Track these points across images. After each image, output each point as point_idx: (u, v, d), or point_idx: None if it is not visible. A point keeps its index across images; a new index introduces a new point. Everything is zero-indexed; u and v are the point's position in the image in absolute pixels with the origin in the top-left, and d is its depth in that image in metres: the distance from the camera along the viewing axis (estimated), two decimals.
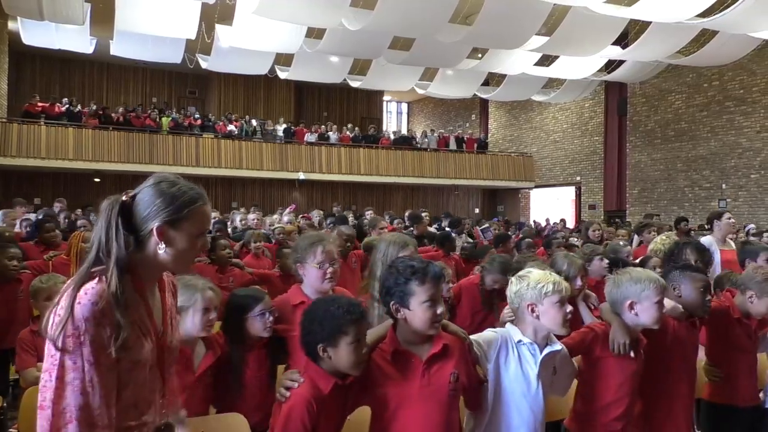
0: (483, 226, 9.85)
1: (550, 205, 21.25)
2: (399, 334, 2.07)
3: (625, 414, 2.47)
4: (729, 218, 5.60)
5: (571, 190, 21.12)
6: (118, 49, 14.39)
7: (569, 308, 2.23)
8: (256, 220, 8.76)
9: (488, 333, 2.30)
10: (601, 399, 2.46)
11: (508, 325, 2.32)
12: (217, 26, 13.31)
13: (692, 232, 8.18)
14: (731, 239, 5.83)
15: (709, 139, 16.37)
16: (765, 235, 8.27)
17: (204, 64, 15.56)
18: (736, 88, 15.69)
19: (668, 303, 2.67)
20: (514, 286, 2.29)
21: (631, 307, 2.46)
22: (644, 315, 2.45)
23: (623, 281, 2.51)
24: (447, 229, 9.08)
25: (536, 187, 22.39)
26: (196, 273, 3.67)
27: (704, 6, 9.73)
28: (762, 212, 14.99)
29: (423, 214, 8.41)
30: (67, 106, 17.56)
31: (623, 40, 13.01)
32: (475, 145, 22.51)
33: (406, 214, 10.32)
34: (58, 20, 11.84)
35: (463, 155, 21.75)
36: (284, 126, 20.36)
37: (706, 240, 5.39)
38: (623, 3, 10.46)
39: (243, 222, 8.63)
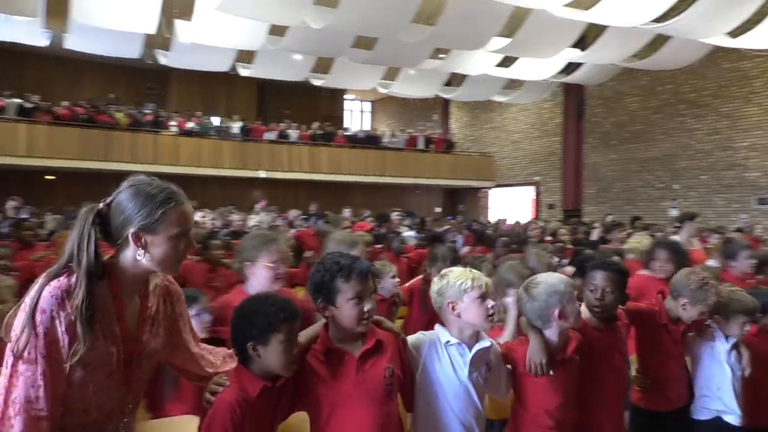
0: (444, 227, 9.96)
1: (510, 205, 21.57)
2: (331, 332, 2.04)
3: (559, 424, 2.39)
4: (699, 222, 5.83)
5: (530, 190, 21.48)
6: (73, 42, 13.99)
7: (491, 303, 2.19)
8: (240, 222, 8.66)
9: (416, 336, 2.27)
10: (531, 411, 2.40)
11: (436, 326, 2.27)
12: (177, 21, 13.08)
13: (646, 229, 8.43)
14: (695, 240, 6.06)
15: (663, 141, 16.87)
16: (716, 235, 8.55)
17: (163, 60, 15.27)
18: (688, 92, 16.20)
19: (584, 310, 2.63)
20: (435, 285, 2.26)
21: (561, 315, 2.37)
22: (567, 316, 2.38)
23: (540, 293, 2.39)
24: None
25: (496, 186, 22.70)
26: (183, 271, 3.63)
27: (659, 12, 10.03)
28: (710, 212, 15.51)
29: (394, 214, 8.43)
30: (18, 101, 16.99)
31: (581, 43, 13.30)
32: (444, 145, 22.67)
33: (363, 213, 10.33)
34: (10, 12, 11.48)
35: (425, 154, 21.89)
36: (240, 124, 20.08)
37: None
38: (581, 7, 10.69)
39: (214, 222, 8.51)
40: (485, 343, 2.24)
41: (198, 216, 9.08)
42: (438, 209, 23.67)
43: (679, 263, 3.66)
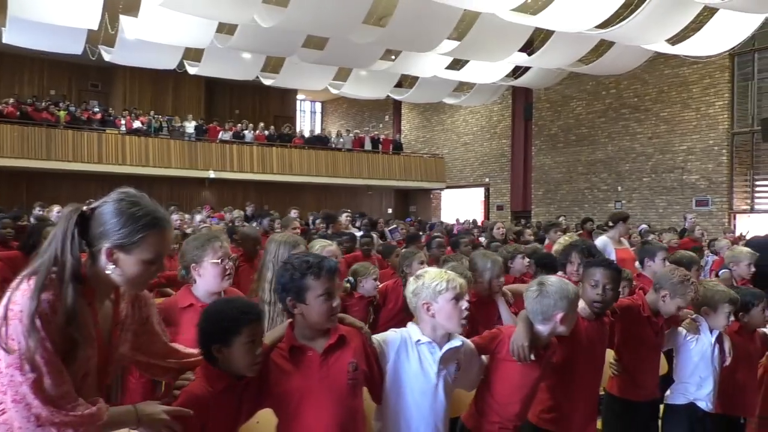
0: (390, 227, 9.99)
1: (461, 206, 21.82)
2: (296, 330, 2.09)
3: (519, 416, 2.51)
4: (628, 222, 5.99)
5: (480, 191, 21.78)
6: (11, 37, 13.42)
7: (466, 305, 2.25)
8: (179, 221, 8.46)
9: (389, 333, 2.32)
10: (498, 399, 2.49)
11: (409, 324, 2.34)
12: (122, 17, 12.73)
13: (594, 232, 8.63)
14: (626, 239, 6.23)
15: (607, 144, 17.36)
16: (665, 235, 8.83)
17: (107, 57, 14.84)
18: (631, 97, 16.73)
19: (580, 305, 2.74)
20: (410, 286, 2.31)
21: (561, 320, 2.45)
22: (565, 324, 2.49)
23: (552, 292, 2.46)
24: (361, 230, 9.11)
25: (447, 188, 22.92)
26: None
27: (602, 18, 10.29)
28: (653, 213, 16.06)
29: (344, 215, 8.38)
30: None
31: (529, 48, 13.56)
32: (391, 146, 22.75)
33: (312, 213, 10.26)
34: None
35: (377, 156, 21.93)
36: (194, 123, 19.75)
37: (601, 239, 5.73)
38: (529, 12, 10.90)
39: None
40: (456, 342, 2.29)
41: None
42: (390, 210, 23.75)
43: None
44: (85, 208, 1.57)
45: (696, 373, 3.17)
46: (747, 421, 3.42)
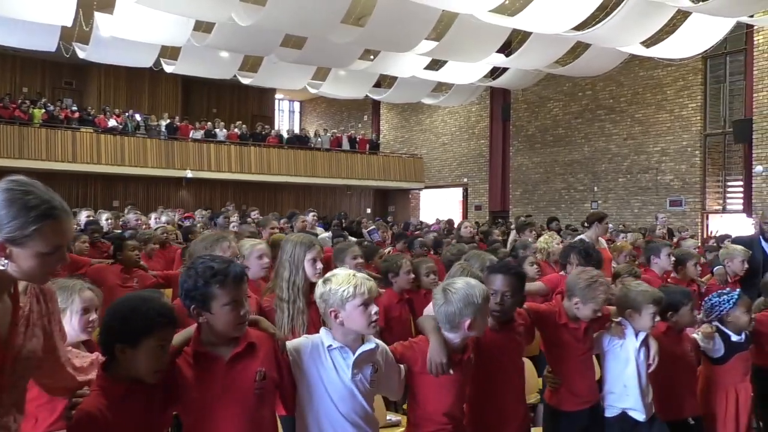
0: (369, 228, 9.98)
1: (439, 206, 21.89)
2: (203, 335, 1.99)
3: (454, 417, 2.45)
4: (607, 223, 6.08)
5: (458, 191, 21.88)
6: None
7: (375, 309, 2.16)
8: (138, 221, 8.39)
9: (299, 339, 2.26)
10: (427, 408, 2.42)
11: (321, 329, 2.24)
12: (97, 14, 12.55)
13: (561, 231, 8.74)
14: (602, 239, 6.31)
15: (583, 145, 17.55)
16: (629, 234, 8.96)
17: (81, 54, 14.62)
18: (607, 98, 16.93)
19: None
20: (319, 290, 2.21)
21: (470, 326, 2.39)
22: (475, 329, 2.41)
23: (457, 300, 2.39)
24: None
25: (426, 188, 22.99)
26: (95, 274, 3.47)
27: (579, 20, 10.42)
28: (628, 213, 16.28)
29: (311, 214, 8.35)
30: None
31: (507, 49, 13.66)
32: (368, 146, 22.75)
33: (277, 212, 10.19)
34: None
35: (356, 156, 21.92)
36: (166, 122, 19.52)
37: (580, 239, 5.81)
38: (506, 13, 10.98)
39: (110, 222, 8.12)
40: (369, 345, 2.21)
41: (83, 215, 8.60)
42: (369, 210, 23.75)
43: (591, 265, 3.74)
44: None
45: (621, 380, 3.03)
46: (700, 419, 3.31)
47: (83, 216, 8.48)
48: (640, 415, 3.00)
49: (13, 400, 1.56)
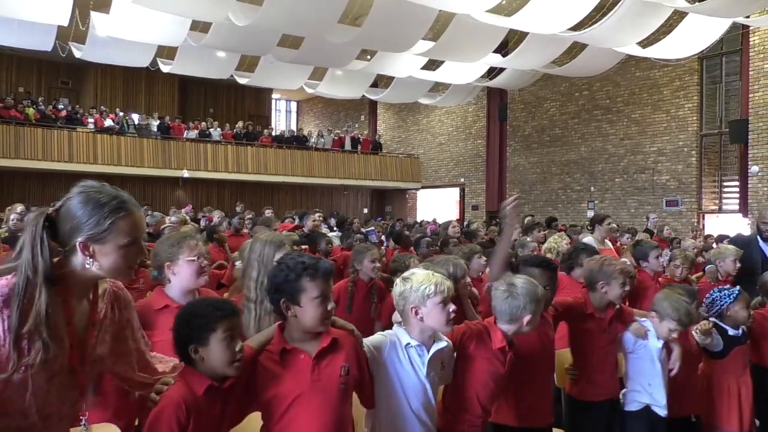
0: (368, 229, 10.00)
1: (436, 206, 21.91)
2: (287, 333, 2.06)
3: (486, 412, 2.56)
4: (609, 223, 6.15)
5: (455, 191, 21.89)
6: None
7: (452, 307, 2.27)
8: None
9: (377, 336, 2.33)
10: (467, 396, 2.53)
11: (395, 327, 2.35)
12: (93, 13, 12.51)
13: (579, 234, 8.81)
14: (608, 241, 6.37)
15: (580, 145, 17.58)
16: (627, 235, 8.97)
17: (78, 53, 14.58)
18: (603, 98, 16.96)
19: None
20: (398, 288, 2.31)
21: (528, 321, 2.52)
22: (530, 325, 2.55)
23: (521, 294, 2.52)
24: (336, 228, 9.09)
25: (423, 188, 23.00)
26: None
27: (575, 20, 10.43)
28: (624, 213, 16.30)
29: (316, 214, 8.37)
30: None
31: (503, 49, 13.67)
32: (371, 146, 22.74)
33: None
34: None
35: (353, 156, 21.91)
36: (158, 121, 19.43)
37: (587, 240, 5.85)
38: (503, 13, 10.98)
39: None
40: (442, 343, 2.33)
41: None
42: (365, 210, 23.75)
43: None
44: (50, 210, 1.56)
45: (645, 378, 3.15)
46: (697, 419, 3.41)
47: None
48: (662, 411, 3.13)
49: (82, 397, 1.66)
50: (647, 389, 3.13)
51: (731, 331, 3.46)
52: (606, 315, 3.12)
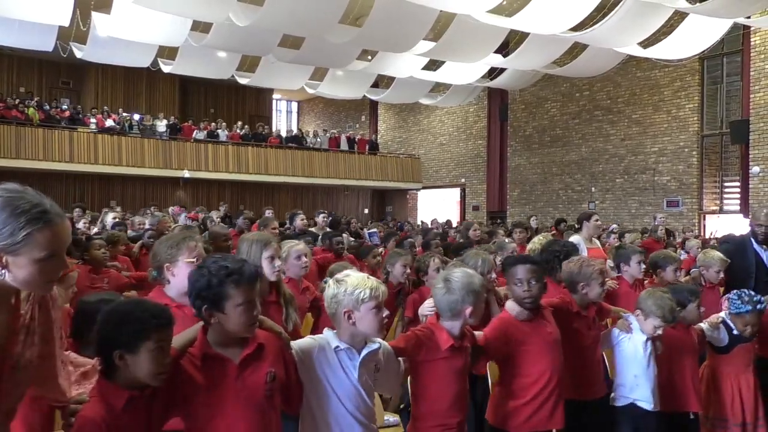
0: (370, 230, 10.00)
1: (437, 206, 21.89)
2: (210, 336, 1.96)
3: (457, 411, 2.53)
4: (596, 220, 6.07)
5: (456, 192, 21.88)
6: None
7: (386, 313, 2.22)
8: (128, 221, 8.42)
9: (306, 340, 2.27)
10: (431, 399, 2.51)
11: (325, 330, 2.27)
12: (94, 14, 12.53)
13: (565, 232, 8.77)
14: (597, 239, 6.33)
15: (581, 146, 17.57)
16: (627, 235, 8.96)
17: (79, 54, 14.59)
18: (604, 99, 16.95)
19: (512, 306, 2.88)
20: (331, 290, 2.22)
21: (471, 313, 2.55)
22: (474, 316, 2.55)
23: (457, 288, 2.53)
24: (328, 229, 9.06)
25: (423, 188, 22.99)
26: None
27: (576, 21, 10.42)
28: (625, 213, 16.30)
29: (321, 215, 8.36)
30: None
31: (504, 49, 13.67)
32: (367, 146, 22.74)
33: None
34: None
35: (353, 156, 21.90)
36: (165, 122, 19.46)
37: (574, 239, 5.82)
38: (504, 13, 10.98)
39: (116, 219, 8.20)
40: (373, 346, 2.25)
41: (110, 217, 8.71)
42: (366, 210, 23.75)
43: None
44: None
45: (630, 372, 3.22)
46: (699, 415, 3.44)
47: (110, 217, 8.61)
48: (648, 405, 3.17)
49: (6, 408, 1.54)
50: (633, 382, 3.19)
51: (736, 330, 3.51)
52: (589, 313, 3.18)
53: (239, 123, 21.32)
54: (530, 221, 11.75)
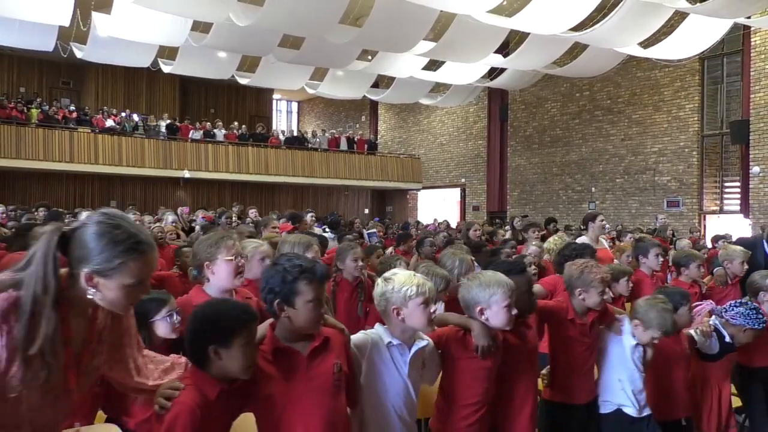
0: (369, 231, 10.00)
1: (437, 206, 21.90)
2: (279, 332, 2.06)
3: (482, 409, 2.57)
4: (602, 220, 6.07)
5: (456, 192, 21.88)
6: None
7: (434, 308, 2.28)
8: (139, 222, 8.42)
9: (359, 335, 2.34)
10: (460, 395, 2.55)
11: (377, 326, 2.36)
12: (94, 14, 12.53)
13: (558, 232, 8.78)
14: (603, 239, 6.33)
15: (581, 146, 17.57)
16: (628, 235, 8.96)
17: (79, 54, 14.59)
18: (604, 99, 16.94)
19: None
20: (379, 289, 2.32)
21: (481, 312, 2.54)
22: (494, 319, 2.53)
23: (473, 286, 2.58)
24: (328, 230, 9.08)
25: (423, 188, 22.99)
26: None
27: (576, 21, 10.42)
28: (626, 213, 16.29)
29: (309, 215, 8.39)
30: None
31: (504, 49, 13.66)
32: (366, 146, 22.74)
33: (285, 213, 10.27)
34: None
35: (353, 156, 21.91)
36: (166, 122, 19.49)
37: (581, 240, 5.82)
38: (504, 13, 10.98)
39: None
40: (422, 343, 2.35)
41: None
42: (366, 211, 23.75)
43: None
44: (66, 228, 1.53)
45: (615, 375, 3.11)
46: (691, 421, 3.38)
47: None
48: (633, 411, 3.06)
49: (73, 409, 1.65)
50: (618, 386, 3.09)
51: (728, 339, 3.44)
52: (587, 320, 3.06)
53: (236, 123, 21.30)
54: (514, 222, 11.68)
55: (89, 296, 1.51)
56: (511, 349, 2.73)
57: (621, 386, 3.09)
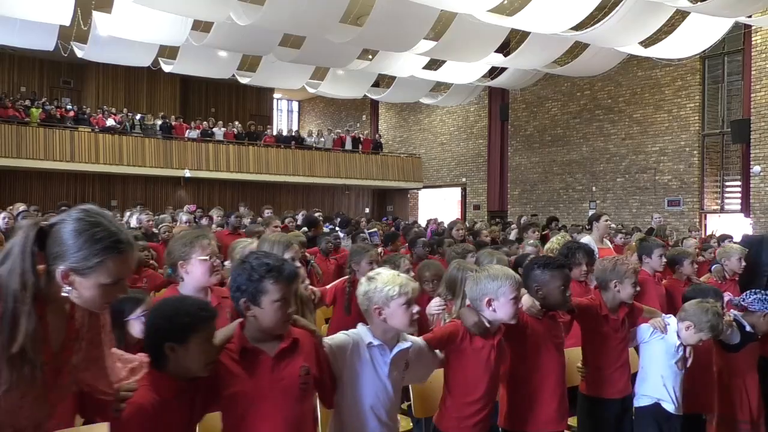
0: (371, 230, 9.99)
1: (438, 206, 21.90)
2: (247, 331, 2.03)
3: (487, 403, 2.59)
4: (606, 220, 6.10)
5: (457, 191, 21.88)
6: None
7: (416, 308, 2.27)
8: (149, 221, 8.47)
9: (340, 336, 2.32)
10: (464, 391, 2.57)
11: (359, 326, 2.34)
12: (95, 13, 12.54)
13: (560, 231, 8.80)
14: (607, 239, 6.34)
15: (581, 145, 17.56)
16: (619, 235, 8.97)
17: (80, 53, 14.60)
18: (605, 98, 16.93)
19: (526, 300, 2.80)
20: (362, 288, 2.30)
21: (489, 303, 2.56)
22: (501, 311, 2.55)
23: (481, 278, 2.60)
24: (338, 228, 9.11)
25: (424, 187, 22.99)
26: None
27: (577, 20, 10.41)
28: (626, 213, 16.29)
29: (316, 215, 8.41)
30: None
31: (505, 49, 13.65)
32: (371, 146, 22.72)
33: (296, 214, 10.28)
34: None
35: (354, 155, 21.90)
36: (161, 121, 19.44)
37: (585, 239, 5.83)
38: (505, 13, 10.97)
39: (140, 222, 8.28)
40: (405, 344, 2.32)
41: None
42: (367, 210, 23.75)
43: (592, 264, 3.94)
44: (43, 223, 1.50)
45: (657, 372, 3.20)
46: (707, 418, 3.47)
47: (135, 217, 8.79)
48: (671, 407, 3.17)
49: (54, 409, 1.61)
50: (660, 383, 3.18)
51: (748, 328, 3.52)
52: (619, 315, 3.17)
53: (238, 122, 21.29)
54: (521, 220, 11.68)
55: (64, 293, 1.48)
56: (539, 338, 2.79)
57: (662, 382, 3.18)
